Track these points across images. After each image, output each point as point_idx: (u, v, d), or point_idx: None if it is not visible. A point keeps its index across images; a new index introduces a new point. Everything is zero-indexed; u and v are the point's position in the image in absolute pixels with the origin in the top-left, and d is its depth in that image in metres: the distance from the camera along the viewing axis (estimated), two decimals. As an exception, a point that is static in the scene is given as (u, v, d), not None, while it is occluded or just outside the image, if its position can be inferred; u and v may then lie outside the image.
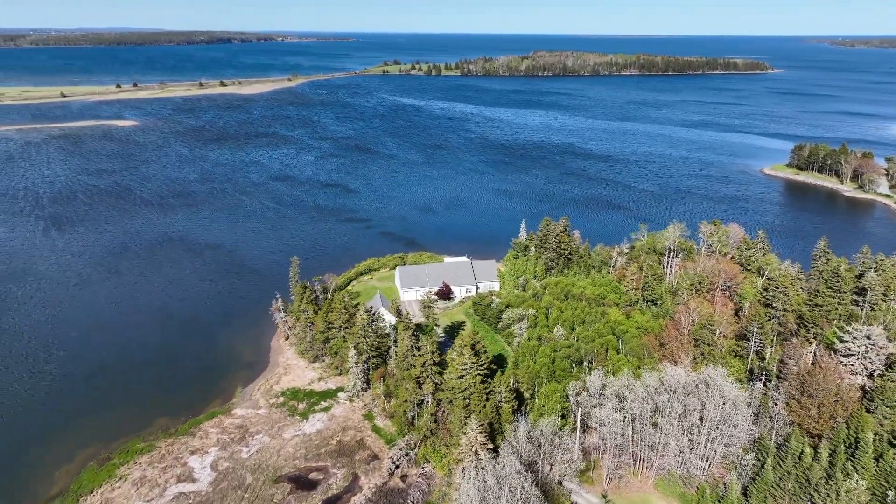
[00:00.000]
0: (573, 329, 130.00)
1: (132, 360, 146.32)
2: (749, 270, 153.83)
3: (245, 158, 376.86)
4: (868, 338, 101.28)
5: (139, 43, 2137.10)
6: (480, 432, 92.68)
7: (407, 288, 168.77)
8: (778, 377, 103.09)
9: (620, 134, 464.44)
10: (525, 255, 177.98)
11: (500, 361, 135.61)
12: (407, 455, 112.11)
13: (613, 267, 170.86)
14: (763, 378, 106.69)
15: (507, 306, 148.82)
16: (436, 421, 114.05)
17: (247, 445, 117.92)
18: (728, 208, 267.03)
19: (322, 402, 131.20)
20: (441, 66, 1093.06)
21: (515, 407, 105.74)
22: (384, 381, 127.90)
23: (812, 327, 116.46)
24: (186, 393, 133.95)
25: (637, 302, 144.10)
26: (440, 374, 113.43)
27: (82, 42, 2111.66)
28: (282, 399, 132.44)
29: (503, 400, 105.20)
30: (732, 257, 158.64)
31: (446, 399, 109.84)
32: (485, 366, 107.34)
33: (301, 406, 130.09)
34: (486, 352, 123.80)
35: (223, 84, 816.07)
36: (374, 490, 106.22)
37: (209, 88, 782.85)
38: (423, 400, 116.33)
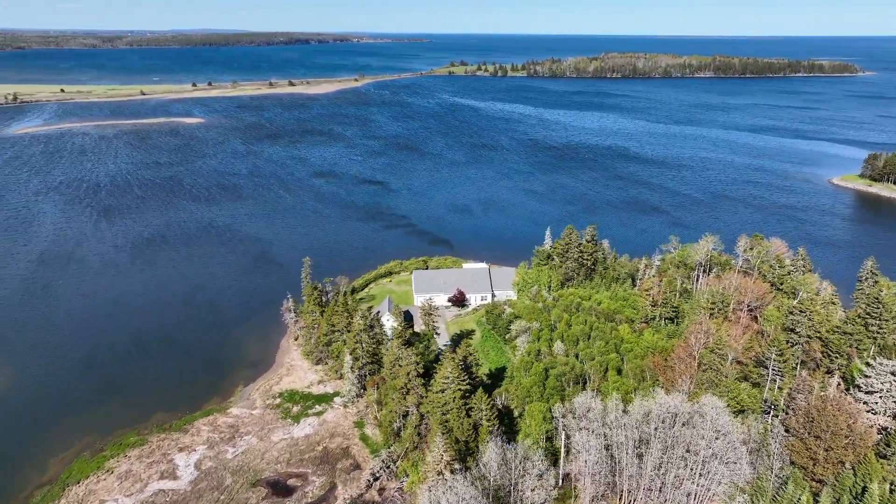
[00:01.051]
0: (577, 344, 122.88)
1: (146, 353, 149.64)
2: (781, 290, 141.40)
3: (295, 155, 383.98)
4: (893, 374, 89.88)
5: (223, 44, 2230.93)
6: (446, 451, 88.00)
7: (421, 293, 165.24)
8: (785, 412, 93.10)
9: (681, 138, 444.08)
10: (548, 264, 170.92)
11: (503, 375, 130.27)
12: (388, 468, 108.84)
13: (642, 280, 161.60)
14: (771, 412, 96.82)
15: (516, 317, 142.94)
16: (419, 434, 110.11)
17: (234, 446, 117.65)
18: (783, 220, 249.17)
19: (317, 406, 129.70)
20: (507, 66, 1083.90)
21: (497, 426, 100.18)
22: (378, 388, 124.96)
23: (836, 358, 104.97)
24: (190, 388, 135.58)
25: (654, 319, 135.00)
26: (424, 385, 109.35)
27: (172, 43, 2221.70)
28: (278, 400, 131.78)
29: (483, 417, 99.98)
30: (764, 275, 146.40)
31: (428, 412, 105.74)
32: (467, 381, 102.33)
33: (295, 409, 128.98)
34: (479, 365, 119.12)
35: (291, 84, 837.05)
36: (348, 501, 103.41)
37: (278, 88, 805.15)
38: (408, 411, 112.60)
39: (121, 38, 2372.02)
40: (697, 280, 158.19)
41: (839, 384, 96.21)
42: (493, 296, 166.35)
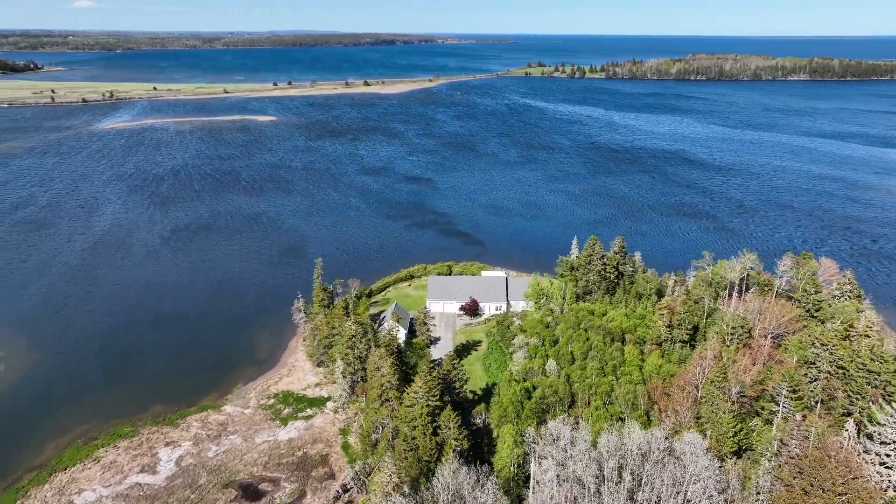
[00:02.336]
0: (571, 364, 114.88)
1: (163, 345, 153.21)
2: (816, 317, 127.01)
3: (351, 152, 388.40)
4: (911, 425, 77.45)
5: (312, 44, 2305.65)
6: (396, 471, 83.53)
7: (434, 300, 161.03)
8: (777, 455, 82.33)
9: (756, 144, 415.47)
10: (571, 276, 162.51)
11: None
12: (361, 481, 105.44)
13: (670, 297, 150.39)
14: (764, 457, 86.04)
15: (522, 331, 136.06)
16: (392, 448, 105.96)
17: (218, 444, 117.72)
18: (851, 235, 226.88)
19: (308, 410, 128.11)
20: (585, 68, 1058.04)
21: (464, 447, 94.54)
22: (366, 396, 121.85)
23: (857, 399, 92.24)
24: (192, 382, 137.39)
25: (666, 341, 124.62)
26: (399, 399, 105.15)
27: (265, 44, 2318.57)
28: (272, 401, 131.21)
29: (451, 437, 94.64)
30: (798, 300, 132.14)
31: (397, 427, 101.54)
32: (438, 397, 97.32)
33: (286, 411, 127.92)
34: (465, 381, 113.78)
35: (367, 84, 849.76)
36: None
37: (353, 88, 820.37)
38: (384, 424, 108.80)
39: (219, 38, 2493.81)
40: (729, 300, 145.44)
41: (847, 429, 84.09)
42: (509, 306, 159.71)
